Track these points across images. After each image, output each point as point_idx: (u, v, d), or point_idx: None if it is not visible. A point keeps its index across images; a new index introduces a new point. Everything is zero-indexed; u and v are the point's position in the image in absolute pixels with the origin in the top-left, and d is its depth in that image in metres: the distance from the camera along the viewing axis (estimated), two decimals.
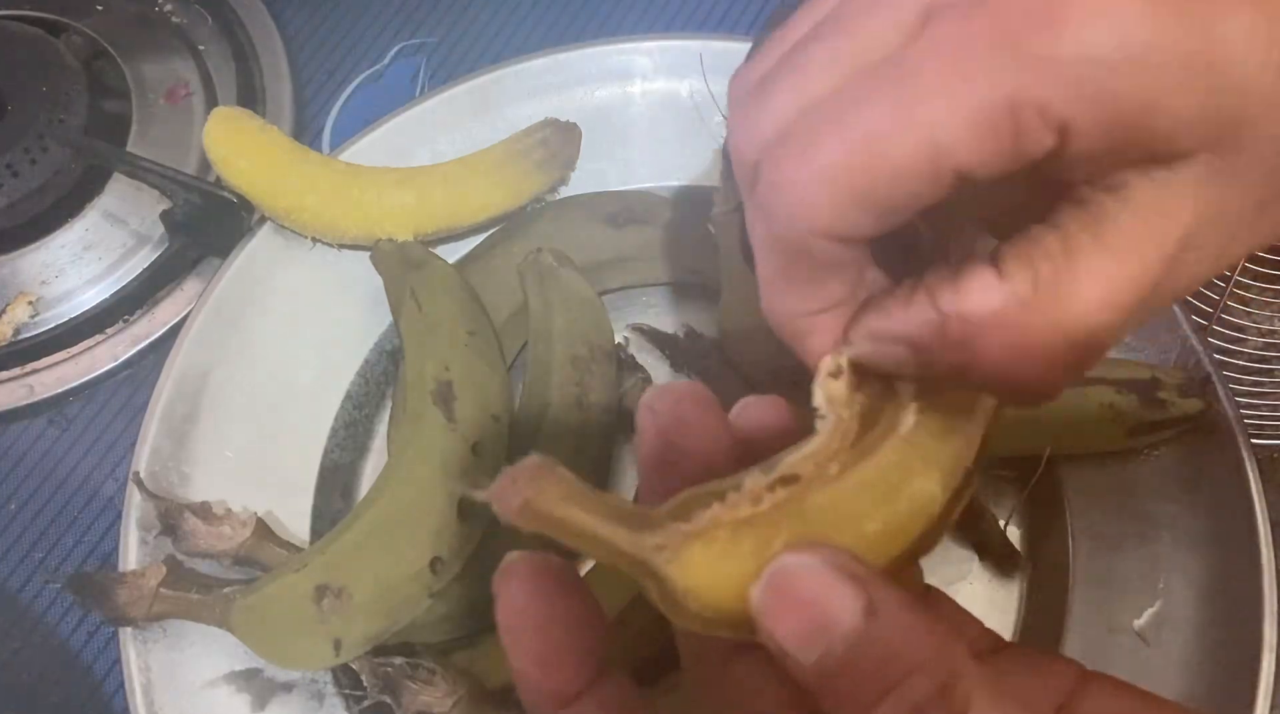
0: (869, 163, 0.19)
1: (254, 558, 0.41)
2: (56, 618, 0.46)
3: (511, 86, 0.50)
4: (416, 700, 0.37)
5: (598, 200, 0.48)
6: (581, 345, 0.43)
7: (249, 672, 0.41)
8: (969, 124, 0.19)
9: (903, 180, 0.19)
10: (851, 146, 0.20)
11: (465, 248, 0.48)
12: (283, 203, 0.46)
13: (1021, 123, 0.18)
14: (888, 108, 0.19)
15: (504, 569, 0.21)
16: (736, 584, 0.19)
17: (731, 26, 0.57)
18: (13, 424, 0.49)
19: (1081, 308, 0.19)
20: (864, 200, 0.20)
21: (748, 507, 0.19)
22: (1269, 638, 0.38)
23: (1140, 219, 0.19)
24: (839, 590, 0.18)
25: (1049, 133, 0.18)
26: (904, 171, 0.19)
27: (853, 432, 0.21)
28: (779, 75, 0.21)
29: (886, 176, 0.19)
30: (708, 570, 0.19)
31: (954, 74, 0.18)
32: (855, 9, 0.20)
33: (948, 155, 0.19)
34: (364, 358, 0.47)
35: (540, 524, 0.18)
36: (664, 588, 0.19)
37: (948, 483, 0.21)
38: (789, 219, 0.21)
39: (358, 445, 0.47)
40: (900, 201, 0.20)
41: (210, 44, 0.57)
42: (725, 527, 0.19)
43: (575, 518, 0.18)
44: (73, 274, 0.51)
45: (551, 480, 0.18)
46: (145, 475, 0.42)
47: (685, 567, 0.19)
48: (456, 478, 0.40)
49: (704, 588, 0.19)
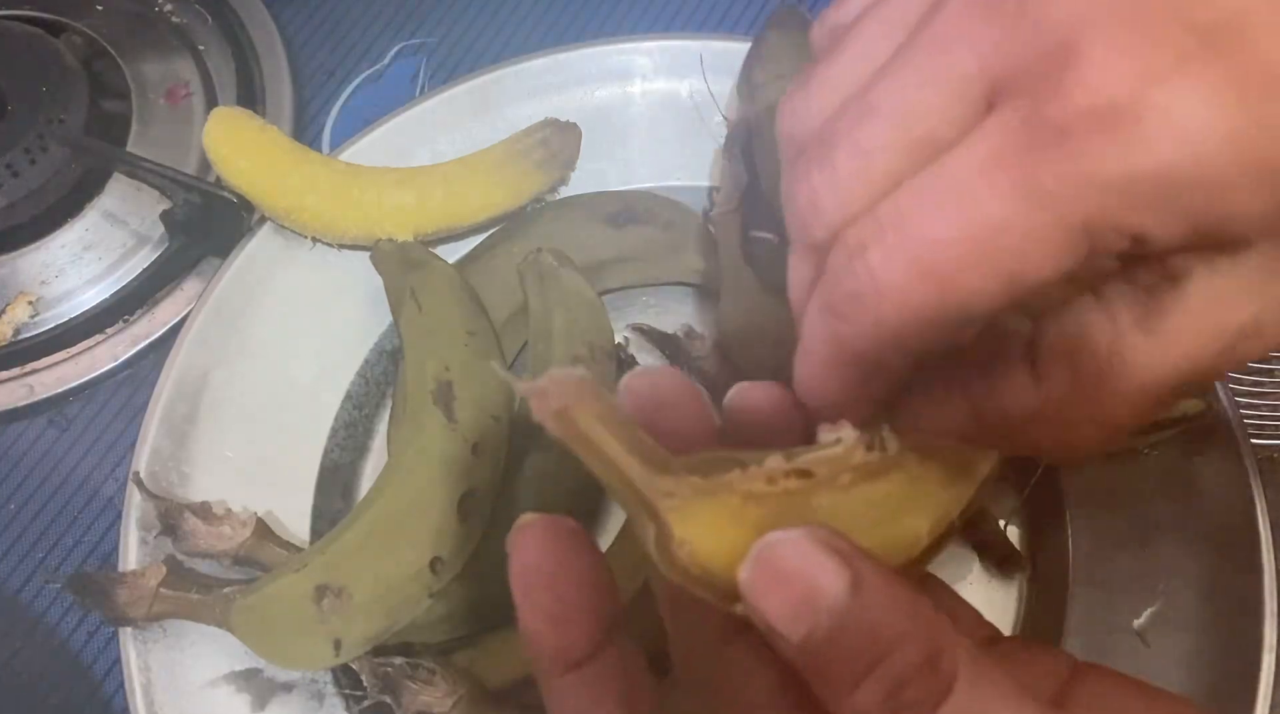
0: (946, 293, 0.19)
1: (254, 558, 0.41)
2: (56, 618, 0.46)
3: (511, 86, 0.50)
4: (416, 700, 0.37)
5: (598, 200, 0.48)
6: (581, 345, 0.43)
7: (249, 672, 0.41)
8: (1045, 249, 0.18)
9: (979, 301, 0.19)
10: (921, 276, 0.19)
11: (465, 248, 0.48)
12: (283, 203, 0.46)
13: (1097, 240, 0.18)
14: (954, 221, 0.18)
15: (519, 527, 0.21)
16: (730, 549, 0.19)
17: (731, 26, 0.57)
18: (13, 424, 0.49)
19: (1124, 405, 0.19)
20: (933, 323, 0.19)
21: (762, 484, 0.20)
22: (1269, 638, 0.38)
23: (1199, 314, 0.19)
24: (824, 565, 0.18)
25: (1123, 241, 0.18)
26: (981, 294, 0.19)
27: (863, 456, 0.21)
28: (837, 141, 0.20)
29: (960, 299, 0.19)
30: (708, 529, 0.19)
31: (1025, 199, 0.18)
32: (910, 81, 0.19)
33: (1023, 278, 0.18)
34: (364, 358, 0.47)
35: (568, 434, 0.19)
36: (661, 533, 0.19)
37: (934, 529, 0.21)
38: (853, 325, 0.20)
39: (358, 445, 0.47)
40: (975, 319, 0.19)
41: (210, 44, 0.57)
42: (737, 494, 0.19)
43: (603, 440, 0.19)
44: (73, 274, 0.51)
45: (593, 397, 0.19)
46: (145, 475, 0.42)
47: (688, 519, 0.19)
48: (457, 478, 0.40)
49: (699, 545, 0.19)
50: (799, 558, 0.18)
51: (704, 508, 0.19)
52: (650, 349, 0.47)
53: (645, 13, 0.58)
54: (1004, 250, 0.18)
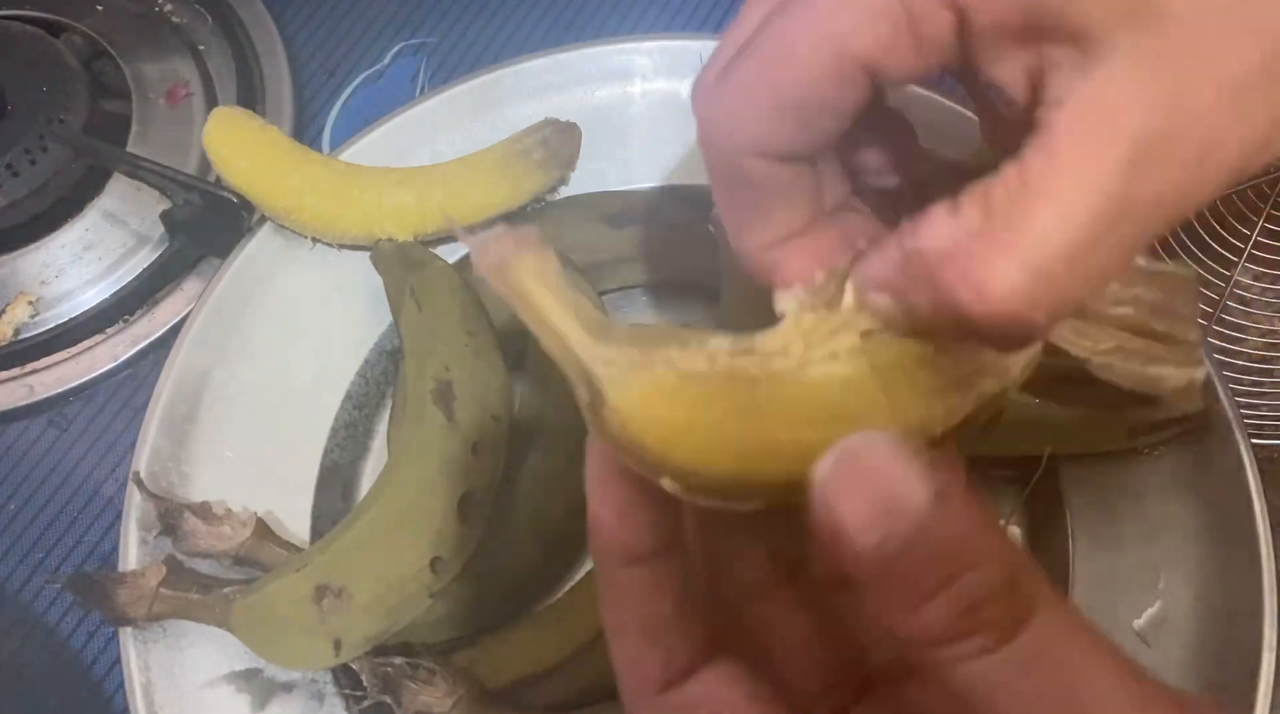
0: (776, 70, 0.21)
1: (254, 558, 0.41)
2: (56, 618, 0.46)
3: (511, 86, 0.50)
4: (416, 700, 0.37)
5: (598, 200, 0.48)
6: None
7: (249, 672, 0.41)
8: (862, 11, 0.20)
9: (811, 80, 0.20)
10: (761, 59, 0.21)
11: (465, 248, 0.48)
12: (283, 203, 0.46)
13: (914, 4, 0.19)
14: (791, 17, 0.20)
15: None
16: (662, 423, 0.19)
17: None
18: (13, 424, 0.49)
19: (1037, 231, 0.18)
20: (779, 108, 0.21)
21: (703, 362, 0.19)
22: (1269, 638, 0.38)
23: (1085, 123, 0.18)
24: (909, 472, 0.18)
25: (943, 10, 0.19)
26: (810, 71, 0.20)
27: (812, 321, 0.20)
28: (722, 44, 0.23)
29: (794, 78, 0.20)
30: (642, 402, 0.19)
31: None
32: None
33: (845, 45, 0.20)
34: (364, 358, 0.47)
35: (507, 290, 0.18)
36: (595, 400, 0.19)
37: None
38: (716, 142, 0.22)
39: (358, 445, 0.47)
40: (814, 104, 0.21)
41: (210, 44, 0.57)
42: (675, 371, 0.19)
43: (541, 298, 0.18)
44: (73, 274, 0.51)
45: (535, 254, 0.18)
46: (145, 475, 0.42)
47: (623, 390, 0.18)
48: (457, 478, 0.40)
49: (631, 416, 0.19)
50: (883, 461, 0.18)
51: (641, 380, 0.18)
52: None
53: (645, 13, 0.58)
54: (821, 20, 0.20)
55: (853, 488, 0.18)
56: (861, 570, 0.18)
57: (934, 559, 0.17)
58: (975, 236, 0.18)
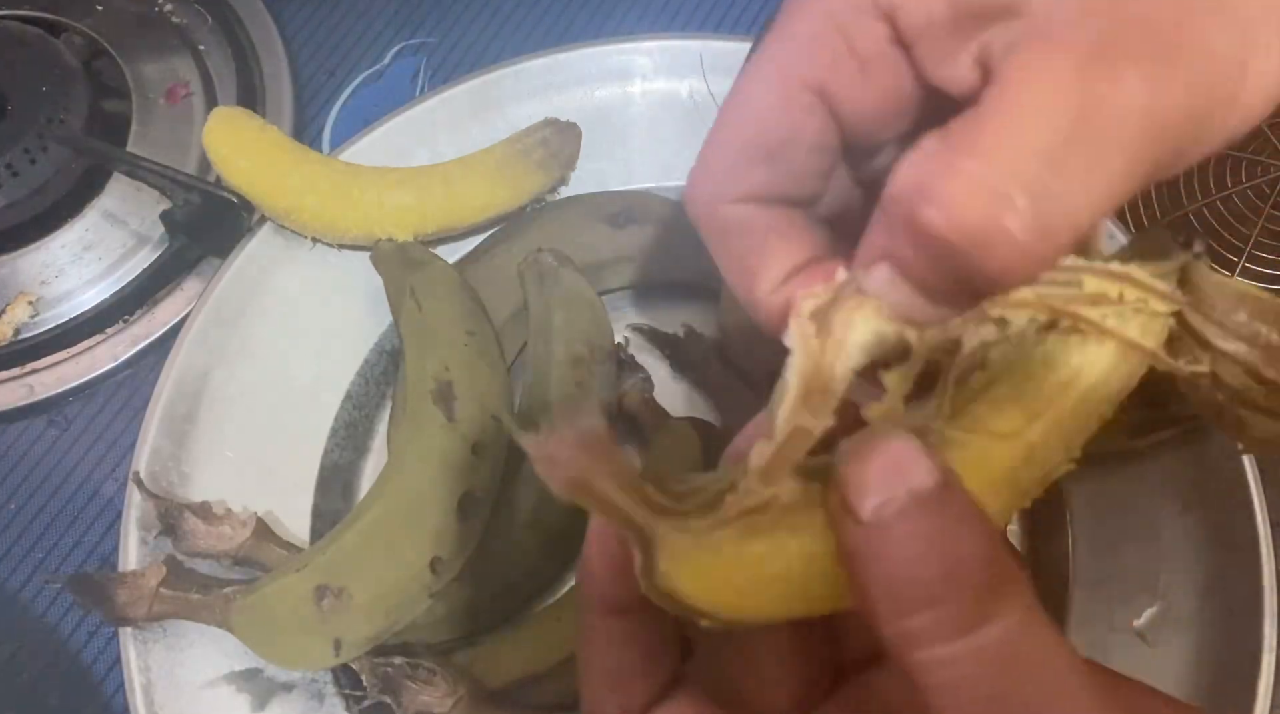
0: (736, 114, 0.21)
1: (254, 558, 0.41)
2: (56, 618, 0.46)
3: (511, 86, 0.50)
4: (416, 700, 0.37)
5: (598, 200, 0.48)
6: (581, 345, 0.43)
7: (249, 672, 0.41)
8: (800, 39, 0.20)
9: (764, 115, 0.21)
10: (724, 110, 0.22)
11: (465, 248, 0.48)
12: (283, 203, 0.46)
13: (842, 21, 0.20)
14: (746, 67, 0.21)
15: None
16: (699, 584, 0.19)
17: (731, 26, 0.57)
18: (13, 424, 0.49)
19: (990, 137, 0.18)
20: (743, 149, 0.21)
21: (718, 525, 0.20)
22: (1269, 638, 0.38)
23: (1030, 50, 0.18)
24: (921, 458, 0.18)
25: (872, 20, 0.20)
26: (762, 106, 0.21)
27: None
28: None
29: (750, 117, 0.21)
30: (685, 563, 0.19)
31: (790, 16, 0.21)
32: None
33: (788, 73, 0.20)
34: (364, 358, 0.47)
35: (578, 498, 0.19)
36: (647, 562, 0.19)
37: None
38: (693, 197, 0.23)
39: (358, 445, 0.47)
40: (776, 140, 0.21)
41: (210, 44, 0.57)
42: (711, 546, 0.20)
43: (612, 502, 0.19)
44: (72, 274, 0.51)
45: (603, 461, 0.19)
46: (145, 475, 0.42)
47: (671, 554, 0.19)
48: (457, 478, 0.40)
49: (676, 577, 0.19)
50: (900, 444, 0.19)
51: (685, 543, 0.19)
52: (650, 349, 0.47)
53: (645, 13, 0.58)
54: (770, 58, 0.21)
55: (868, 454, 0.18)
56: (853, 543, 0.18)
57: (919, 536, 0.18)
58: (932, 156, 0.18)
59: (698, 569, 0.19)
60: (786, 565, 0.20)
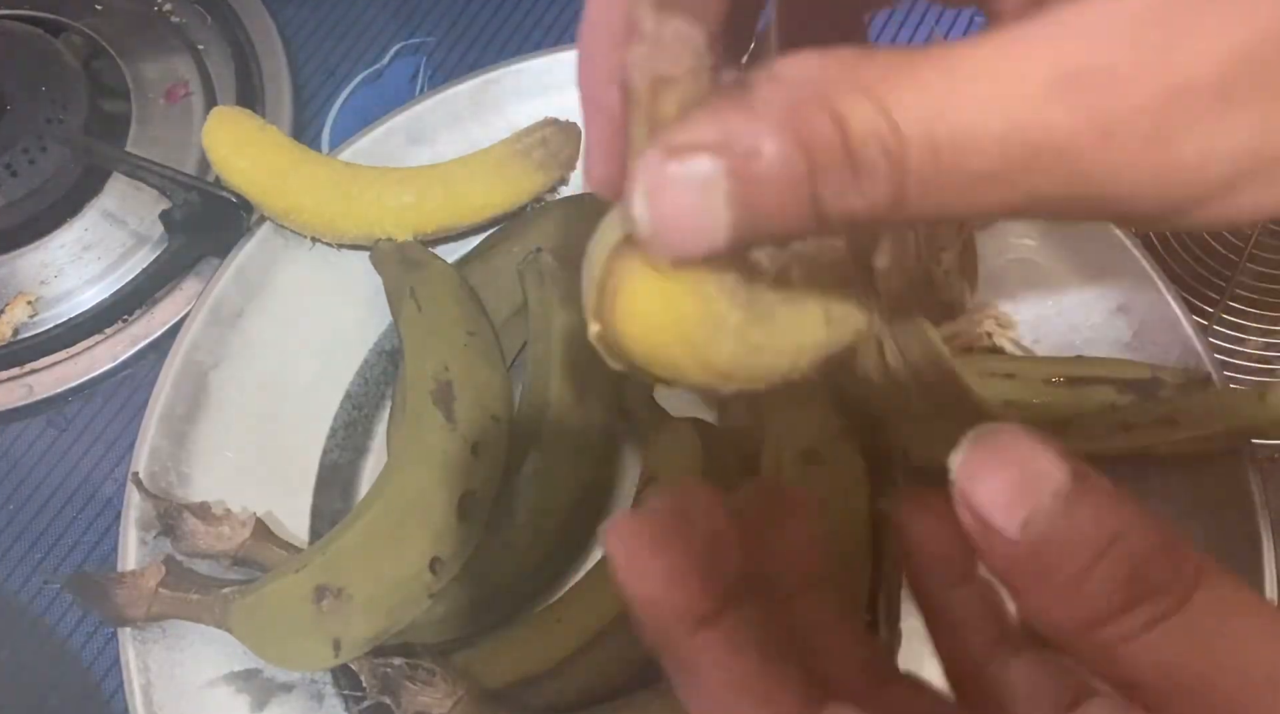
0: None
1: (253, 558, 0.41)
2: (56, 618, 0.46)
3: (511, 86, 0.50)
4: (416, 701, 0.37)
5: (598, 200, 0.48)
6: (581, 345, 0.43)
7: (249, 672, 0.41)
8: None
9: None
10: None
11: (465, 248, 0.48)
12: (282, 203, 0.46)
13: None
14: None
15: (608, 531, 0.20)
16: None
17: None
18: (12, 424, 0.49)
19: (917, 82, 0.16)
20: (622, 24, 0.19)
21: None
22: None
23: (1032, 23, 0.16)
24: (1046, 454, 0.17)
25: None
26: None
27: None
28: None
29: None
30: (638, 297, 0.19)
31: None
32: None
33: None
34: (364, 358, 0.47)
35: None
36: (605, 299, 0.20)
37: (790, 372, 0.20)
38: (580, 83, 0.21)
39: (358, 445, 0.47)
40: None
41: (210, 44, 0.57)
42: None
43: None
44: (72, 274, 0.51)
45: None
46: (144, 475, 0.42)
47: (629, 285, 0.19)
48: (457, 478, 0.40)
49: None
50: (1019, 443, 0.17)
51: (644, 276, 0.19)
52: None
53: None
54: None
55: (991, 469, 0.17)
56: (1013, 561, 0.17)
57: (1084, 534, 0.17)
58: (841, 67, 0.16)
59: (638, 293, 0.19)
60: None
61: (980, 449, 0.17)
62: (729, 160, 0.16)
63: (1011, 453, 0.17)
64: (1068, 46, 0.16)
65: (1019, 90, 0.15)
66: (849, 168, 0.15)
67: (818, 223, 0.16)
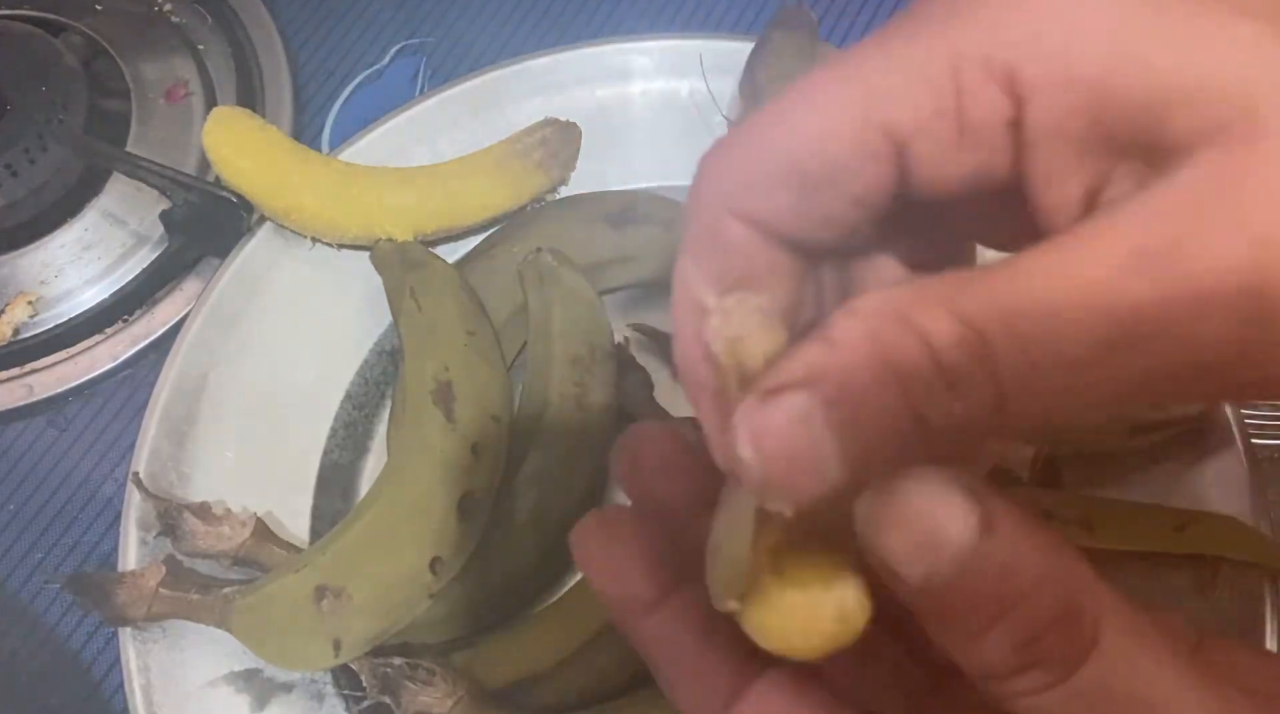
0: (793, 120, 0.17)
1: (254, 558, 0.41)
2: (56, 618, 0.46)
3: (511, 86, 0.50)
4: (416, 701, 0.37)
5: (598, 200, 0.48)
6: (581, 345, 0.43)
7: (249, 672, 0.41)
8: (906, 74, 0.17)
9: (826, 138, 0.17)
10: (778, 109, 0.18)
11: (465, 248, 0.48)
12: (282, 202, 0.46)
13: (964, 78, 0.16)
14: (824, 70, 0.17)
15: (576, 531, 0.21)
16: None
17: (731, 26, 0.57)
18: (12, 424, 0.49)
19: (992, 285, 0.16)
20: (781, 164, 0.18)
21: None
22: (1269, 640, 0.38)
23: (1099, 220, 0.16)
24: (951, 502, 0.16)
25: (998, 93, 0.16)
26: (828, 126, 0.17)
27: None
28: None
29: (808, 133, 0.17)
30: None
31: (895, 35, 0.17)
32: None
33: (877, 107, 0.17)
34: (364, 358, 0.47)
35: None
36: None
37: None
38: (698, 196, 0.19)
39: (358, 445, 0.47)
40: (822, 170, 0.17)
41: (210, 44, 0.57)
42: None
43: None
44: (72, 274, 0.51)
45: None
46: (145, 475, 0.42)
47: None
48: (457, 478, 0.40)
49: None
50: (923, 493, 0.17)
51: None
52: (650, 349, 0.47)
53: (645, 13, 0.58)
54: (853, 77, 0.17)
55: (891, 522, 0.17)
56: (915, 605, 0.17)
57: (982, 591, 0.17)
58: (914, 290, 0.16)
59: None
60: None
61: (881, 501, 0.17)
62: (822, 390, 0.16)
63: (913, 503, 0.17)
64: (1137, 229, 0.15)
65: (1095, 274, 0.15)
66: (940, 377, 0.15)
67: (924, 441, 0.16)
